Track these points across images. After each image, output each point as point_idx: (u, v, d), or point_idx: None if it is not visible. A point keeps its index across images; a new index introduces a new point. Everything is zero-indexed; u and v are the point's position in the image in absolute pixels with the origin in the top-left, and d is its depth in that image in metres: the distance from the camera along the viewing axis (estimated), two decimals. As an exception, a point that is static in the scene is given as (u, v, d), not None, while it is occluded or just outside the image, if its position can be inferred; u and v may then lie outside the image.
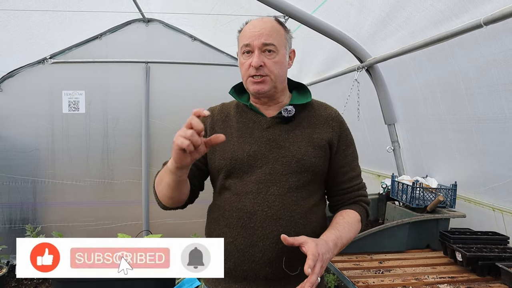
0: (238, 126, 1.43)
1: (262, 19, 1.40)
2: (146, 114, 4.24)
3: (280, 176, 1.36)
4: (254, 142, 1.39)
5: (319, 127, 1.43)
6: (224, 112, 1.49)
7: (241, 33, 1.42)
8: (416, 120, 2.57)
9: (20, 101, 4.08)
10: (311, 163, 1.38)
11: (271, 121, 1.41)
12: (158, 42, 4.26)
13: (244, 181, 1.37)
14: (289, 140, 1.39)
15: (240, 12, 3.03)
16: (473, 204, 2.23)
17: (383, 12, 2.16)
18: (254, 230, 1.33)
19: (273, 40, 1.35)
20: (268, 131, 1.40)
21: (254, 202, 1.34)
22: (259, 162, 1.37)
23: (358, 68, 2.67)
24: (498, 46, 1.70)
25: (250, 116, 1.45)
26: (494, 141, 1.97)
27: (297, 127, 1.42)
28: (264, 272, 1.33)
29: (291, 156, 1.37)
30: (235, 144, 1.40)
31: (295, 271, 1.32)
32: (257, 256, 1.33)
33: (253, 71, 1.35)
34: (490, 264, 1.74)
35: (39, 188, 4.21)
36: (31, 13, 3.01)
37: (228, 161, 1.38)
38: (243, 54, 1.38)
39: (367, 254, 2.06)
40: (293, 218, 1.35)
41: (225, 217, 1.38)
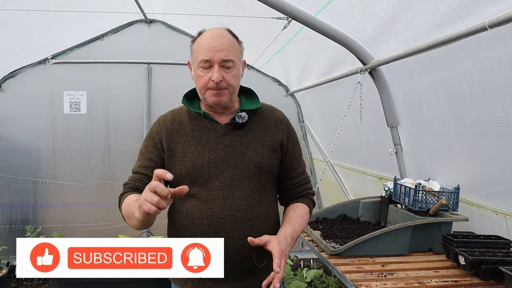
0: (194, 134, 1.50)
1: (219, 32, 1.44)
2: (147, 115, 4.24)
3: (242, 180, 1.46)
4: (212, 149, 1.47)
5: (270, 130, 1.55)
6: (177, 121, 1.54)
7: (197, 45, 1.45)
8: (419, 123, 2.56)
9: (21, 101, 4.09)
10: (267, 165, 1.50)
11: (226, 127, 1.49)
12: (160, 43, 4.26)
13: (208, 187, 1.45)
14: (244, 145, 1.49)
15: (243, 13, 3.03)
16: (475, 208, 2.22)
17: (387, 15, 2.15)
18: (227, 234, 1.43)
19: (231, 55, 1.42)
20: (224, 137, 1.49)
21: (223, 208, 1.44)
22: (219, 168, 1.46)
23: (361, 71, 2.67)
24: (502, 49, 1.69)
25: (204, 124, 1.51)
26: (498, 145, 1.96)
27: (250, 132, 1.52)
28: (238, 268, 1.47)
29: (249, 160, 1.47)
30: (194, 152, 1.47)
31: (263, 263, 1.49)
32: (231, 256, 1.43)
33: (213, 84, 1.41)
34: (493, 268, 1.72)
35: (39, 189, 4.21)
36: (33, 13, 3.01)
37: (190, 170, 1.45)
38: (201, 67, 1.42)
39: (370, 257, 2.05)
40: (259, 218, 1.49)
41: (195, 224, 1.46)
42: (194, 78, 1.49)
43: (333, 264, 1.95)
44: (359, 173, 3.63)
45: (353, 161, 3.73)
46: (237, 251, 1.45)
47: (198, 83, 1.46)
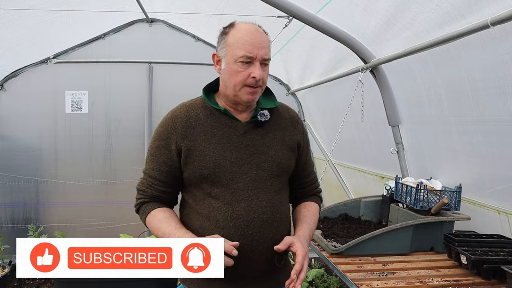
0: (213, 132, 1.43)
1: (258, 29, 1.41)
2: (149, 115, 4.24)
3: (265, 181, 1.43)
4: (234, 149, 1.42)
5: (288, 130, 1.53)
6: (192, 116, 1.46)
7: (235, 39, 1.38)
8: (421, 121, 2.55)
9: (23, 101, 4.10)
10: (288, 165, 1.49)
11: (246, 126, 1.45)
12: (161, 42, 4.26)
13: (232, 189, 1.40)
14: (266, 144, 1.45)
15: (244, 12, 3.02)
16: (478, 207, 2.21)
17: (388, 13, 2.14)
18: (253, 237, 1.39)
19: (269, 54, 1.41)
20: (245, 136, 1.44)
21: (248, 210, 1.39)
22: (242, 168, 1.41)
23: (362, 69, 2.65)
24: (505, 47, 1.68)
25: (224, 121, 1.45)
26: (500, 143, 1.95)
27: (270, 131, 1.48)
28: (260, 269, 1.45)
29: (271, 160, 1.44)
30: (214, 151, 1.40)
31: (281, 263, 1.50)
32: (256, 259, 1.41)
33: (253, 82, 1.37)
34: (496, 267, 1.71)
35: (41, 188, 4.22)
36: (35, 12, 3.02)
37: (211, 170, 1.39)
38: (239, 62, 1.36)
39: (371, 256, 2.04)
40: (281, 219, 1.47)
41: (219, 227, 1.39)
42: (226, 72, 1.41)
43: (334, 263, 1.94)
44: (361, 172, 3.62)
45: (355, 160, 3.72)
46: (261, 253, 1.42)
47: (234, 78, 1.38)
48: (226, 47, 1.40)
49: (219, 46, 1.45)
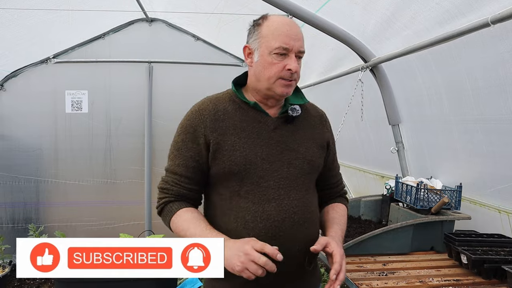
0: (243, 126, 1.36)
1: (291, 21, 1.38)
2: (149, 114, 4.24)
3: (296, 179, 1.35)
4: (264, 144, 1.34)
5: (317, 128, 1.48)
6: (220, 110, 1.38)
7: (270, 30, 1.32)
8: (421, 120, 2.54)
9: (23, 100, 4.09)
10: (318, 163, 1.43)
11: (277, 121, 1.38)
12: (161, 42, 4.25)
13: (262, 187, 1.32)
14: (296, 141, 1.39)
15: (244, 11, 3.01)
16: (478, 206, 2.20)
17: (388, 11, 2.13)
18: (284, 239, 1.30)
19: (304, 47, 1.36)
20: (276, 132, 1.37)
21: (279, 210, 1.31)
22: (273, 165, 1.33)
23: (362, 68, 2.65)
24: (505, 46, 1.68)
25: (253, 115, 1.38)
26: (501, 142, 1.94)
27: (300, 128, 1.42)
28: (291, 273, 1.35)
29: (302, 158, 1.37)
30: (245, 146, 1.33)
31: (311, 266, 1.41)
32: (286, 262, 1.27)
33: (288, 74, 1.32)
34: (496, 267, 1.71)
35: (42, 188, 4.21)
36: (34, 12, 3.01)
37: (242, 166, 1.31)
38: (274, 54, 1.30)
39: (371, 256, 2.04)
40: (312, 219, 1.39)
41: (248, 228, 1.30)
42: (260, 64, 1.34)
43: (334, 263, 1.94)
44: (361, 172, 3.61)
45: (355, 160, 3.72)
46: (292, 256, 1.31)
47: (267, 70, 1.32)
48: (259, 38, 1.34)
49: (251, 38, 1.38)
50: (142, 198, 4.24)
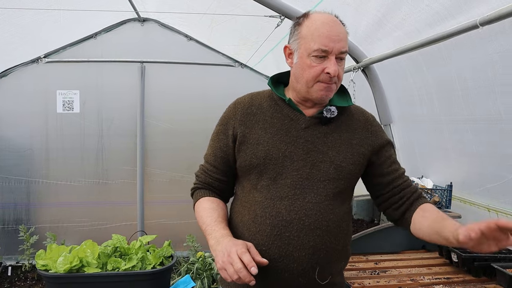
0: (273, 122, 1.34)
1: (335, 20, 1.29)
2: (141, 114, 4.22)
3: (318, 182, 1.29)
4: (290, 142, 1.31)
5: (358, 133, 1.37)
6: (255, 104, 1.38)
7: (310, 30, 1.26)
8: (412, 120, 2.57)
9: (13, 100, 4.05)
10: (349, 170, 1.32)
11: (310, 120, 1.33)
12: (153, 42, 4.24)
13: (278, 183, 1.29)
14: (327, 144, 1.32)
15: (236, 12, 3.02)
16: (468, 205, 2.23)
17: (379, 12, 2.15)
18: (290, 240, 1.26)
19: (347, 46, 1.29)
20: (306, 131, 1.32)
21: (290, 210, 1.27)
22: (295, 164, 1.30)
23: (354, 69, 2.67)
24: (494, 47, 1.70)
25: (287, 112, 1.35)
26: (490, 142, 1.97)
27: (335, 131, 1.34)
28: (296, 282, 1.28)
29: (329, 161, 1.30)
30: (269, 141, 1.31)
31: (325, 280, 1.30)
32: (291, 267, 1.27)
33: (327, 78, 1.26)
34: (486, 265, 1.74)
35: (33, 189, 4.17)
36: (25, 11, 2.99)
37: (262, 160, 1.30)
38: (313, 56, 1.25)
39: (363, 255, 2.05)
40: (329, 228, 1.29)
41: (257, 222, 1.30)
42: (299, 66, 1.29)
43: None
44: (353, 171, 3.63)
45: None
46: (298, 261, 1.26)
47: (306, 73, 1.27)
48: (299, 39, 1.29)
49: (291, 38, 1.33)
50: (134, 199, 4.22)
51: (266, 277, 1.26)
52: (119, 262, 2.85)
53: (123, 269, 2.80)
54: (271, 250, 1.26)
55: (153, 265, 2.93)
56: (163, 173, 4.29)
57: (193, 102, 4.18)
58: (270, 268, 1.23)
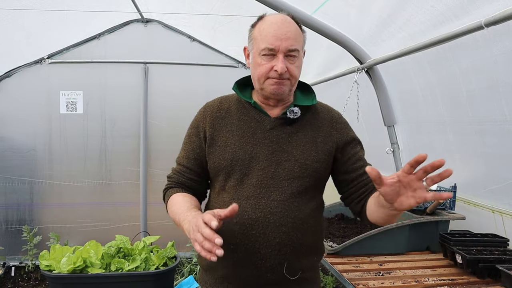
0: (240, 124, 1.39)
1: (285, 19, 1.34)
2: (144, 115, 4.23)
3: (282, 181, 1.33)
4: (256, 143, 1.36)
5: (323, 130, 1.41)
6: (224, 108, 1.44)
7: (260, 31, 1.33)
8: (416, 122, 2.56)
9: (17, 101, 4.06)
10: (313, 168, 1.36)
11: (274, 121, 1.38)
12: (156, 43, 4.25)
13: (245, 184, 1.34)
14: (292, 143, 1.37)
15: (240, 12, 3.02)
16: (472, 206, 2.23)
17: (384, 13, 2.15)
18: (256, 238, 1.30)
19: (297, 45, 1.32)
20: (271, 132, 1.37)
21: (255, 208, 1.31)
22: (260, 164, 1.34)
23: (357, 70, 2.67)
24: (499, 48, 1.70)
25: (253, 115, 1.40)
26: (494, 143, 1.96)
27: (300, 130, 1.39)
28: (265, 278, 1.32)
29: (294, 160, 1.34)
30: (236, 143, 1.36)
31: (295, 276, 1.34)
32: (258, 263, 1.31)
33: (275, 75, 1.31)
34: (490, 266, 1.73)
35: (36, 189, 4.19)
36: (29, 12, 3.00)
37: (229, 162, 1.35)
38: (262, 55, 1.31)
39: (367, 256, 2.05)
40: (295, 225, 1.33)
41: (225, 221, 1.28)
42: (252, 66, 1.37)
43: (331, 263, 1.95)
44: (356, 172, 3.63)
45: (350, 160, 3.73)
46: (265, 258, 1.30)
47: (257, 71, 1.34)
48: (252, 40, 1.36)
49: (248, 40, 1.41)
50: (137, 199, 4.23)
51: (237, 274, 1.33)
52: (123, 263, 2.85)
53: (126, 270, 2.81)
54: (239, 248, 1.31)
55: (157, 266, 2.93)
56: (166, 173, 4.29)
57: (196, 103, 4.15)
58: (239, 265, 1.32)
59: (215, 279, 1.41)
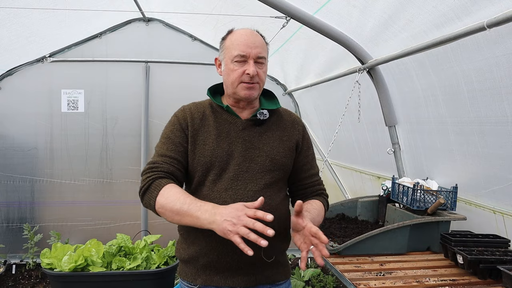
0: (215, 126, 1.55)
1: (252, 32, 1.55)
2: (145, 114, 4.23)
3: (256, 173, 1.51)
4: (231, 142, 1.53)
5: (287, 130, 1.62)
6: (200, 111, 1.60)
7: (231, 41, 1.53)
8: (417, 122, 2.57)
9: (19, 99, 4.07)
10: (282, 162, 1.56)
11: (246, 123, 1.56)
12: (158, 42, 4.25)
13: (222, 178, 1.50)
14: (262, 141, 1.55)
15: (241, 12, 3.02)
16: (474, 207, 2.23)
17: (386, 14, 2.15)
18: None
19: (264, 53, 1.53)
20: (244, 132, 1.55)
21: (234, 198, 1.46)
22: (236, 160, 1.51)
23: (359, 70, 2.67)
24: (501, 49, 1.70)
25: (226, 117, 1.57)
26: (496, 144, 1.97)
27: (268, 130, 1.58)
28: (244, 261, 1.47)
29: (264, 155, 1.53)
30: (214, 142, 1.52)
31: (271, 258, 1.52)
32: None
33: (247, 78, 1.49)
34: (491, 267, 1.73)
35: (37, 187, 4.20)
36: (31, 11, 3.00)
37: (208, 158, 1.50)
38: (235, 62, 1.50)
39: (368, 256, 2.06)
40: (269, 211, 1.41)
41: None
42: (225, 72, 1.55)
43: (332, 263, 1.96)
44: (357, 172, 3.63)
45: (351, 160, 3.74)
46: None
47: (230, 76, 1.52)
48: (224, 50, 1.56)
49: (219, 51, 1.61)
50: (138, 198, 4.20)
51: (219, 261, 1.48)
52: (124, 262, 2.86)
53: (127, 269, 2.82)
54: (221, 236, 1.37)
55: (158, 264, 2.94)
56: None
57: (197, 102, 4.18)
58: (221, 251, 1.47)
59: (196, 269, 1.54)
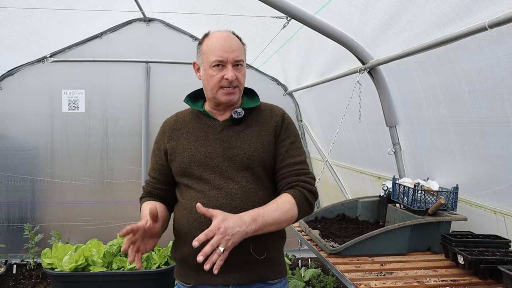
0: (194, 131, 1.61)
1: (228, 35, 1.55)
2: (146, 114, 4.24)
3: (237, 172, 1.53)
4: (209, 144, 1.56)
5: (266, 124, 1.62)
6: (180, 120, 1.67)
7: (208, 46, 1.53)
8: (418, 122, 2.56)
9: (19, 99, 4.08)
10: (261, 158, 1.56)
11: (224, 124, 1.59)
12: (158, 42, 4.26)
13: (204, 179, 1.54)
14: (240, 139, 1.57)
15: (242, 12, 3.02)
16: (474, 207, 2.22)
17: (387, 14, 2.15)
18: None
19: (241, 56, 1.55)
20: (222, 133, 1.58)
21: (218, 196, 1.50)
22: (214, 161, 1.54)
23: (360, 70, 2.67)
24: (502, 49, 1.70)
25: (205, 121, 1.62)
26: (497, 144, 1.96)
27: (247, 127, 1.60)
28: (234, 258, 1.42)
29: (242, 154, 1.54)
30: (192, 147, 1.57)
31: (262, 255, 1.54)
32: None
33: (227, 83, 1.51)
34: (492, 267, 1.73)
35: (38, 187, 4.20)
36: (32, 11, 3.00)
37: (187, 164, 1.55)
38: (213, 67, 1.51)
39: (368, 256, 2.05)
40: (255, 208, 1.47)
41: (192, 212, 1.50)
42: (204, 78, 1.57)
43: (332, 263, 1.95)
44: (358, 173, 3.63)
45: (352, 161, 3.73)
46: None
47: (210, 82, 1.54)
48: (202, 55, 1.56)
49: (197, 56, 1.61)
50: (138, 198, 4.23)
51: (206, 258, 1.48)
52: (125, 261, 2.86)
53: (128, 268, 2.82)
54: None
55: (158, 264, 2.94)
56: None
57: (198, 103, 4.18)
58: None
59: (189, 268, 1.57)
